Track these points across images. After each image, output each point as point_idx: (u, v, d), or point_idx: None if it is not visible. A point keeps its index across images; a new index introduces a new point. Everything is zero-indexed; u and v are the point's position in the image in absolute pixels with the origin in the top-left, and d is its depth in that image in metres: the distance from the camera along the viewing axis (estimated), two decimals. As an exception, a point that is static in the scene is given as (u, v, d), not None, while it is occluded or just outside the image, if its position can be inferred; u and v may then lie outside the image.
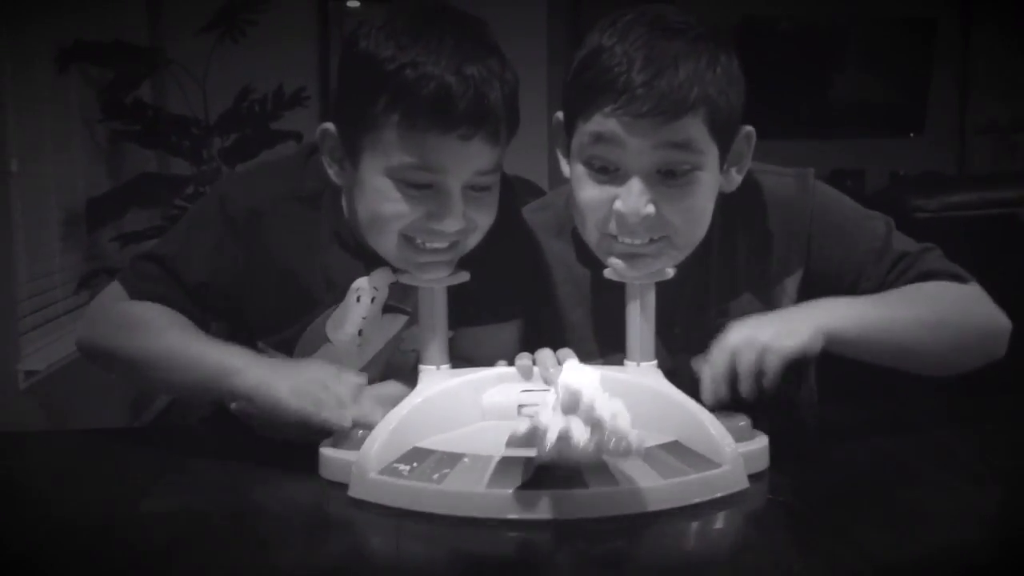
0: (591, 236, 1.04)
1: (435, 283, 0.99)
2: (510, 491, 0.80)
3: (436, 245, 0.99)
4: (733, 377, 0.93)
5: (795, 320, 0.98)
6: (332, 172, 1.04)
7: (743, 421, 0.93)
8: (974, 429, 1.08)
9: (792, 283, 1.14)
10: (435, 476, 0.83)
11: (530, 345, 1.05)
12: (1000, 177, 3.73)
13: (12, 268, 2.69)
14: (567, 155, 1.06)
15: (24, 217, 2.79)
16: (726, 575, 0.74)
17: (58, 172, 3.10)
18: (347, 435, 0.91)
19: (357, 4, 4.47)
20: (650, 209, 0.98)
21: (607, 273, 1.03)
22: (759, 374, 0.92)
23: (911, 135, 5.07)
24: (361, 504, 0.84)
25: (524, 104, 1.03)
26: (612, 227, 1.00)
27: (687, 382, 0.98)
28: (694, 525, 0.81)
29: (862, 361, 1.03)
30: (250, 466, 0.97)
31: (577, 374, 0.81)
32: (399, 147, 0.95)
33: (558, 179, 1.13)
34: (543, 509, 0.79)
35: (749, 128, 1.05)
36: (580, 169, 1.02)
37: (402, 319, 1.12)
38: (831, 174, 5.01)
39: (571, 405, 0.79)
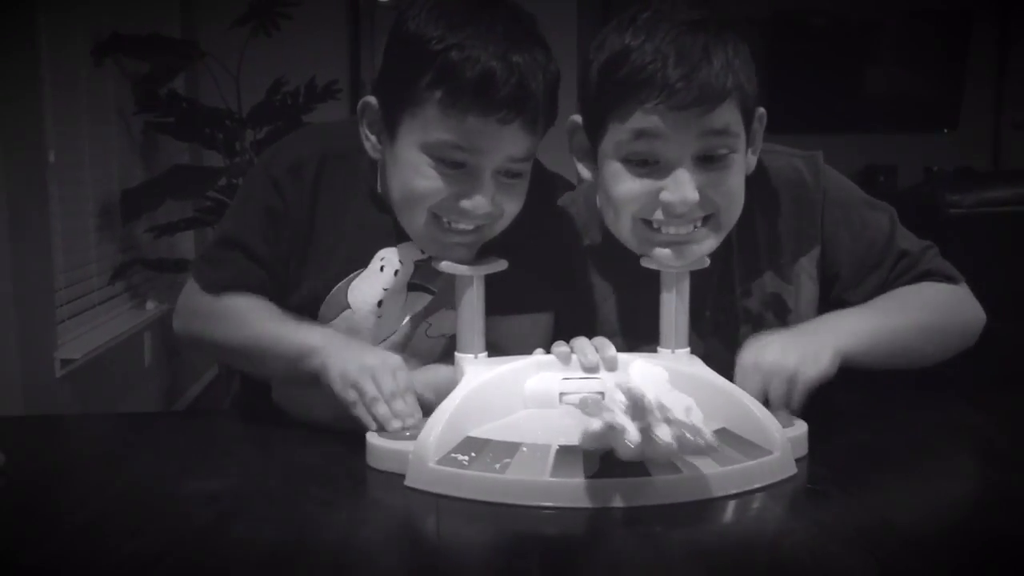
0: (625, 229, 1.06)
1: (474, 271, 1.00)
2: (577, 480, 0.81)
3: (462, 226, 1.02)
4: (763, 400, 0.97)
5: (816, 343, 1.01)
6: (369, 145, 1.07)
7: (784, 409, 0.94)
8: (997, 413, 1.09)
9: (808, 261, 1.16)
10: (497, 466, 0.83)
11: (561, 335, 1.06)
12: (1036, 172, 3.69)
13: (50, 257, 2.73)
14: (586, 158, 1.09)
15: (61, 207, 2.83)
16: (790, 557, 0.74)
17: (94, 163, 3.14)
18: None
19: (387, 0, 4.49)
20: (696, 196, 1.00)
21: (644, 262, 1.04)
22: (787, 400, 0.97)
23: (945, 131, 5.02)
24: (402, 487, 0.85)
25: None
26: (657, 216, 1.02)
27: (720, 366, 1.00)
28: (753, 509, 0.83)
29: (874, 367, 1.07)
30: (289, 447, 0.98)
31: (639, 374, 0.82)
32: (438, 124, 0.98)
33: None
34: (609, 497, 0.80)
35: (762, 110, 1.08)
36: (616, 166, 1.03)
37: (426, 298, 1.13)
38: (864, 169, 4.97)
39: (638, 409, 0.79)
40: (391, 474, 0.89)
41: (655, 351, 1.04)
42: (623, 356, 0.98)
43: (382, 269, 1.10)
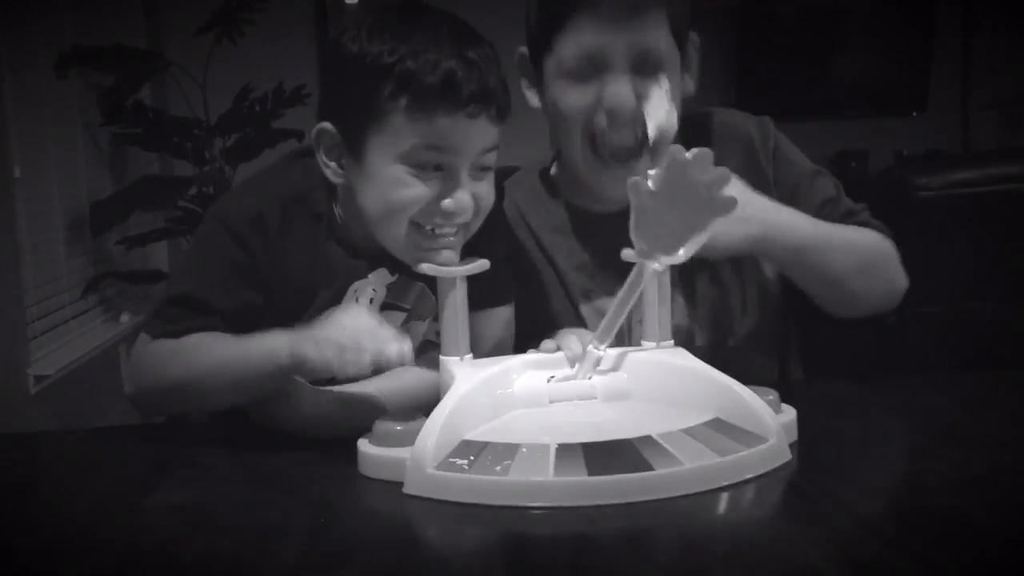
0: (576, 146, 1.14)
1: (455, 272, 0.99)
2: (580, 478, 0.80)
3: (446, 230, 1.02)
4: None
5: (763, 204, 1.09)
6: (330, 172, 1.06)
7: (772, 395, 0.93)
8: (959, 394, 1.10)
9: None
10: (498, 468, 0.82)
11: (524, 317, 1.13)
12: (1004, 153, 3.72)
13: (19, 273, 2.70)
14: (535, 84, 1.18)
15: (28, 222, 2.79)
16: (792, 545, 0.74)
17: (61, 177, 3.10)
18: (387, 432, 0.90)
19: (355, 1, 4.47)
20: (634, 99, 1.09)
21: (624, 255, 1.03)
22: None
23: (914, 114, 5.05)
24: (399, 495, 0.84)
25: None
26: (600, 123, 1.11)
27: (682, 318, 1.11)
28: (749, 498, 0.82)
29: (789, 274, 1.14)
30: (262, 458, 0.97)
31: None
32: (409, 132, 0.99)
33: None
34: (614, 493, 0.80)
35: (694, 35, 1.17)
36: (560, 83, 1.12)
37: (399, 316, 1.14)
38: (836, 155, 4.99)
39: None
40: (380, 481, 0.87)
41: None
42: (610, 352, 0.98)
43: (357, 300, 1.11)
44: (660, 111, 1.06)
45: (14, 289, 2.65)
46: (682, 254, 0.91)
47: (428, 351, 1.14)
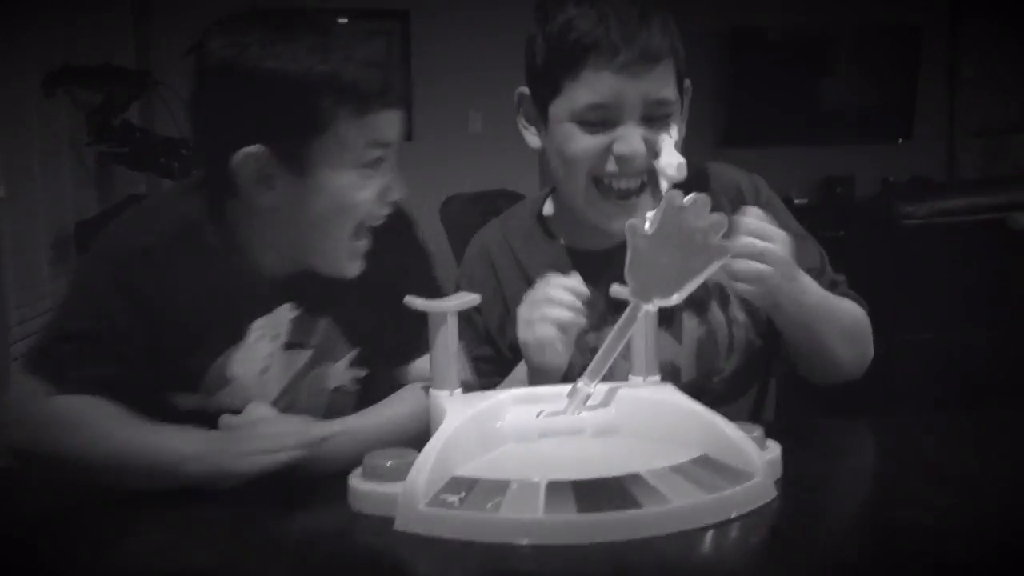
0: (579, 189, 1.14)
1: (446, 308, 0.98)
2: (570, 516, 0.79)
3: (377, 223, 1.06)
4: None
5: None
6: (258, 195, 1.01)
7: (757, 432, 0.93)
8: (957, 441, 1.09)
9: None
10: (489, 505, 0.81)
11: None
12: (989, 182, 3.74)
13: (2, 294, 2.68)
14: (537, 123, 1.17)
15: (13, 242, 2.78)
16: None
17: (47, 196, 3.09)
18: (378, 467, 0.88)
19: (345, 20, 4.48)
20: (643, 147, 1.09)
21: (613, 291, 1.03)
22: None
23: (900, 141, 5.10)
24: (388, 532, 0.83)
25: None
26: (609, 169, 1.11)
27: (669, 355, 1.12)
28: (733, 536, 0.82)
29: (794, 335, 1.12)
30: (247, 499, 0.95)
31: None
32: (355, 137, 0.99)
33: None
34: (603, 532, 0.79)
35: (687, 81, 1.17)
36: (568, 127, 1.11)
37: (305, 355, 1.10)
38: (822, 181, 5.02)
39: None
40: (371, 517, 0.86)
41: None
42: (599, 386, 0.97)
43: (260, 339, 1.07)
44: (672, 163, 1.05)
45: (-3, 309, 2.63)
46: (675, 298, 0.92)
47: (340, 401, 1.11)
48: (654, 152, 1.09)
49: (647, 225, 0.91)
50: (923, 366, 2.21)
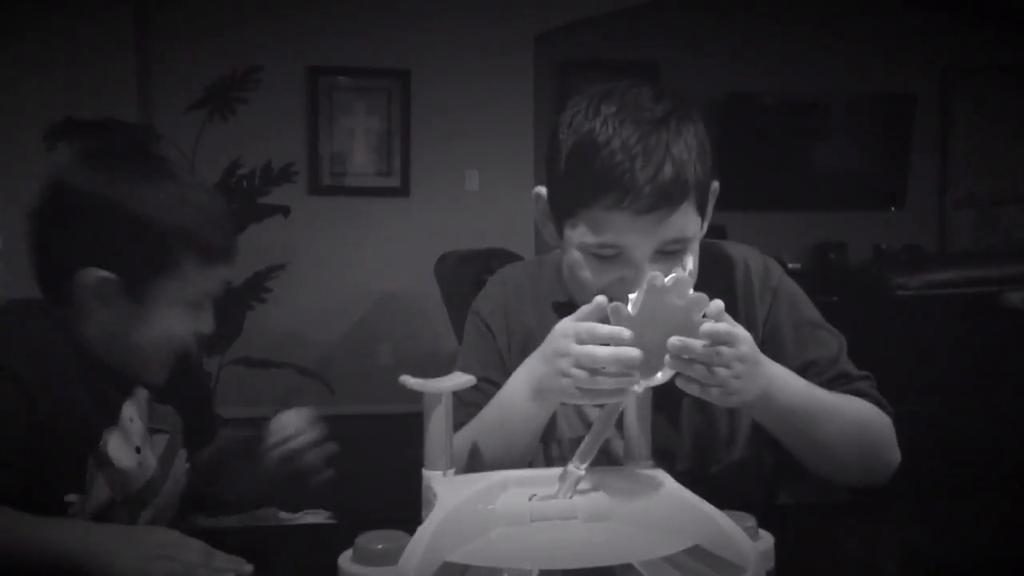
0: (589, 298, 1.06)
1: (441, 388, 0.98)
2: None
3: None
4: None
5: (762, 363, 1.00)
6: (92, 311, 1.08)
7: (750, 522, 0.93)
8: (954, 534, 1.08)
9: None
10: None
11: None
12: (980, 255, 3.78)
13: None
14: (550, 225, 1.11)
15: (11, 293, 2.78)
16: None
17: (45, 247, 3.10)
18: (371, 550, 0.88)
19: (347, 79, 4.54)
20: None
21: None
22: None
23: (892, 209, 5.14)
24: None
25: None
26: (618, 294, 1.00)
27: (665, 441, 1.06)
28: None
29: (777, 433, 1.07)
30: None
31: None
32: (194, 279, 1.10)
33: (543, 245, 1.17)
34: None
35: (715, 184, 1.10)
36: (577, 255, 1.06)
37: (164, 438, 1.17)
38: (815, 247, 5.05)
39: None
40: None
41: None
42: (592, 471, 0.97)
43: (132, 420, 1.12)
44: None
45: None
46: (660, 377, 0.92)
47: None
48: None
49: (630, 307, 0.92)
50: (915, 434, 2.21)
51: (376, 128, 4.71)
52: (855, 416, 1.09)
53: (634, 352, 0.91)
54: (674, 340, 0.91)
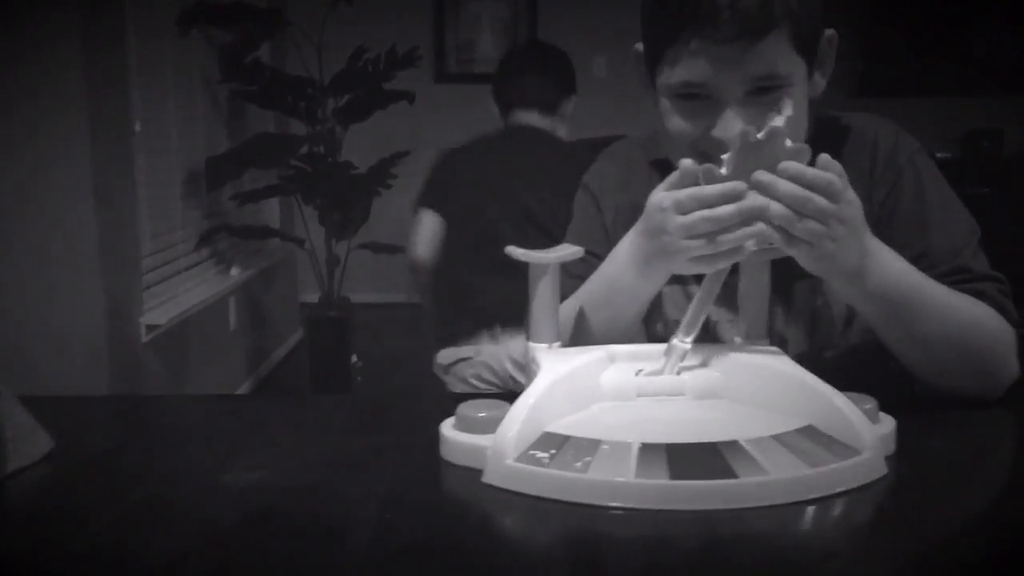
0: (680, 156, 0.99)
1: (548, 259, 0.96)
2: (661, 481, 0.77)
3: None
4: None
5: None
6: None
7: (870, 404, 0.88)
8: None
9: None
10: (578, 464, 0.80)
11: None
12: None
13: (136, 225, 2.80)
14: (648, 84, 1.05)
15: (147, 176, 2.89)
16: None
17: (180, 132, 3.19)
18: (472, 418, 0.88)
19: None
20: None
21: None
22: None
23: (1055, 93, 4.76)
24: (480, 486, 0.82)
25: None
26: (708, 147, 0.97)
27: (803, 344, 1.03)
28: (835, 513, 0.77)
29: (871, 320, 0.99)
30: (346, 436, 0.96)
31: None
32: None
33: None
34: (695, 499, 0.76)
35: (831, 32, 1.01)
36: (666, 103, 1.01)
37: None
38: (966, 135, 4.75)
39: None
40: (461, 468, 0.86)
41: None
42: (704, 348, 0.94)
43: None
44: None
45: (132, 240, 2.74)
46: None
47: None
48: None
49: (723, 169, 0.86)
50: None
51: (503, 15, 4.62)
52: (966, 317, 0.99)
53: (760, 200, 0.84)
54: (759, 174, 0.84)
